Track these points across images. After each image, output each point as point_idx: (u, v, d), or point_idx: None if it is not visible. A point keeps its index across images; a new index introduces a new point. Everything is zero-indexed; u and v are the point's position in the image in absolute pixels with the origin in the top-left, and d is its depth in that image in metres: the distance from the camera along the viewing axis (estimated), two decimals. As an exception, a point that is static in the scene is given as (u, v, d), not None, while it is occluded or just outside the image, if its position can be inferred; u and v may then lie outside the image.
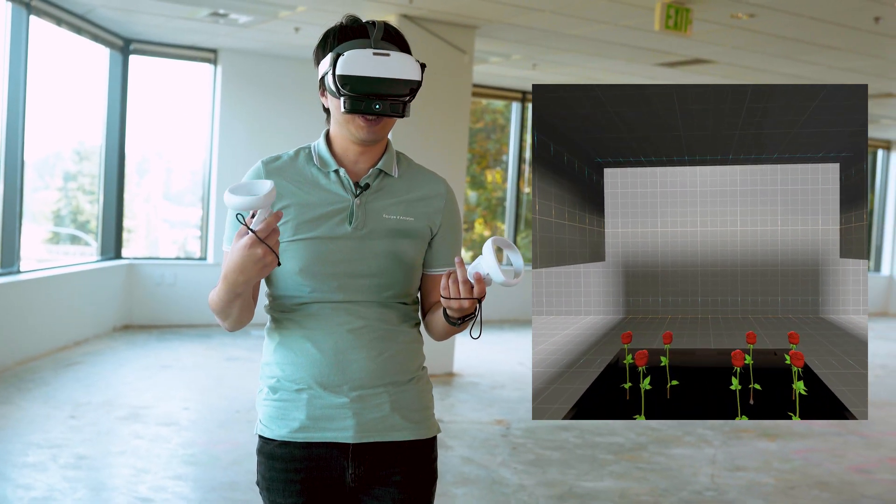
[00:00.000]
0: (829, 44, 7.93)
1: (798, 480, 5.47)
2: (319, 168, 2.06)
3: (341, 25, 2.03)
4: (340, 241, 2.02)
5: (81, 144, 10.59)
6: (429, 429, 2.12)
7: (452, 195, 2.18)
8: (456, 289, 1.92)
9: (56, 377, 7.08)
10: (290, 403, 2.04)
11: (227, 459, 5.26)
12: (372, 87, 1.94)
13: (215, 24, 8.54)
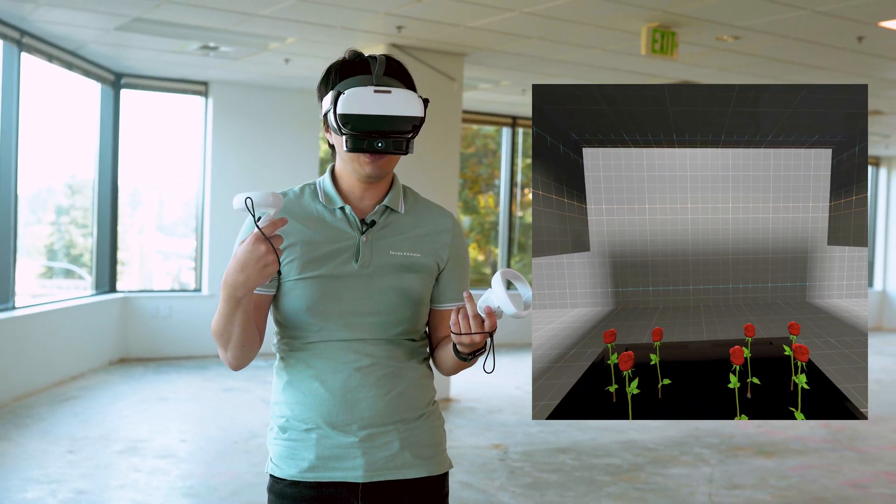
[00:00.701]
0: (814, 63, 8.02)
1: (794, 497, 5.49)
2: (325, 205, 2.05)
3: (343, 60, 2.02)
4: (347, 280, 2.01)
5: (73, 178, 10.64)
6: (440, 465, 2.11)
7: (459, 229, 2.17)
8: (466, 323, 1.90)
9: (53, 412, 7.09)
10: (299, 443, 2.03)
11: (226, 490, 5.27)
12: (374, 125, 1.92)
13: (206, 58, 8.61)
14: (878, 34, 6.88)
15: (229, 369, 7.94)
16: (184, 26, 7.32)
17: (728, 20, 6.64)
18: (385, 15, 6.82)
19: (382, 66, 1.99)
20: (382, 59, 2.00)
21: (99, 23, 7.36)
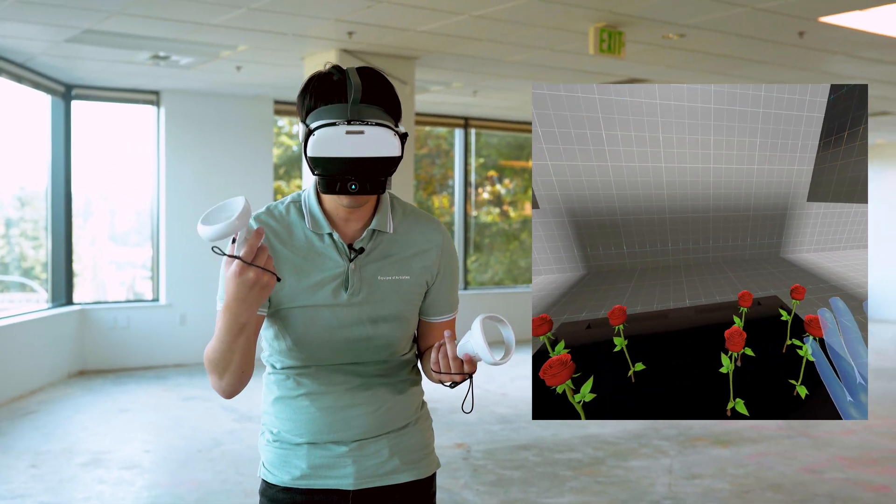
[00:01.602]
0: (759, 59, 8.19)
1: (752, 484, 5.63)
2: (312, 230, 1.99)
3: (320, 78, 1.93)
4: (337, 309, 1.98)
5: (22, 190, 10.54)
6: (428, 467, 2.14)
7: (448, 241, 2.12)
8: (447, 364, 1.88)
9: (13, 427, 7.05)
10: (290, 452, 2.05)
11: (191, 499, 5.29)
12: (346, 167, 1.86)
13: (156, 67, 8.59)
14: (818, 29, 7.04)
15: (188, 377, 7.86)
16: (134, 37, 7.31)
17: (673, 19, 6.77)
18: (336, 21, 6.87)
19: (358, 92, 1.88)
20: (358, 85, 1.89)
21: (48, 35, 7.33)
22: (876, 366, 10.36)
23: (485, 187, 13.74)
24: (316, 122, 1.87)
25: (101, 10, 6.50)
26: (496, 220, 13.84)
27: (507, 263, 13.70)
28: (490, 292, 12.49)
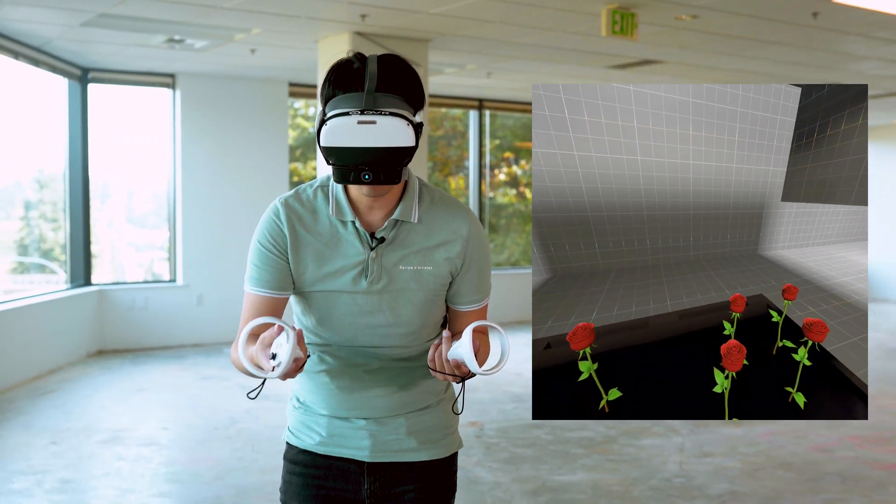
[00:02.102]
0: (772, 39, 8.18)
1: (763, 462, 5.68)
2: (336, 216, 2.01)
3: (339, 66, 1.94)
4: (357, 296, 2.01)
5: (41, 172, 10.65)
6: (447, 447, 2.16)
7: (476, 230, 2.08)
8: (441, 363, 1.90)
9: (33, 406, 7.16)
10: (312, 420, 2.13)
11: (210, 476, 5.38)
12: (358, 157, 1.87)
13: (171, 50, 8.66)
14: (832, 9, 7.04)
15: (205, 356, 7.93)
16: (149, 20, 7.37)
17: (685, 0, 6.78)
18: (348, 4, 6.90)
19: (373, 81, 1.88)
20: (374, 73, 1.89)
21: (64, 19, 7.39)
22: (889, 346, 10.38)
23: (501, 169, 13.78)
24: (332, 110, 1.88)
25: (117, -6, 6.57)
26: (512, 202, 13.88)
27: (524, 244, 13.75)
28: (506, 273, 12.53)
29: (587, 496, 5.02)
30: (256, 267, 2.04)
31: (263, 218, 2.06)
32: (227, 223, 10.29)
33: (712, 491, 5.12)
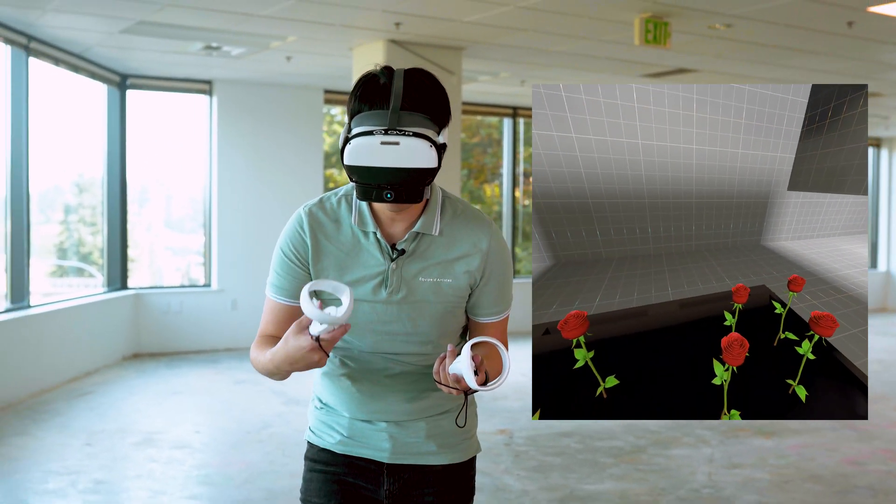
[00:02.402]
0: (807, 48, 8.14)
1: (792, 475, 5.65)
2: (358, 226, 2.04)
3: (366, 81, 1.96)
4: (377, 305, 2.04)
5: (81, 177, 10.81)
6: (465, 451, 2.19)
7: (497, 243, 2.11)
8: (445, 376, 1.90)
9: (70, 407, 7.28)
10: (334, 420, 2.17)
11: (240, 479, 5.45)
12: (381, 177, 1.89)
13: (209, 57, 8.77)
14: (867, 19, 7.00)
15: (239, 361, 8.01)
16: (186, 28, 7.48)
17: (719, 9, 6.77)
18: (382, 12, 6.96)
19: (399, 99, 1.91)
20: (399, 91, 1.92)
21: (103, 26, 7.52)
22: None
23: (535, 177, 13.79)
24: (357, 127, 1.91)
25: (154, 2, 6.67)
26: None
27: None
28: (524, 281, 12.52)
29: (614, 505, 5.03)
30: (278, 274, 2.09)
31: (287, 225, 2.10)
32: (262, 229, 10.38)
33: (740, 502, 5.10)
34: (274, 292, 2.10)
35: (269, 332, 2.11)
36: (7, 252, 7.74)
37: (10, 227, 7.69)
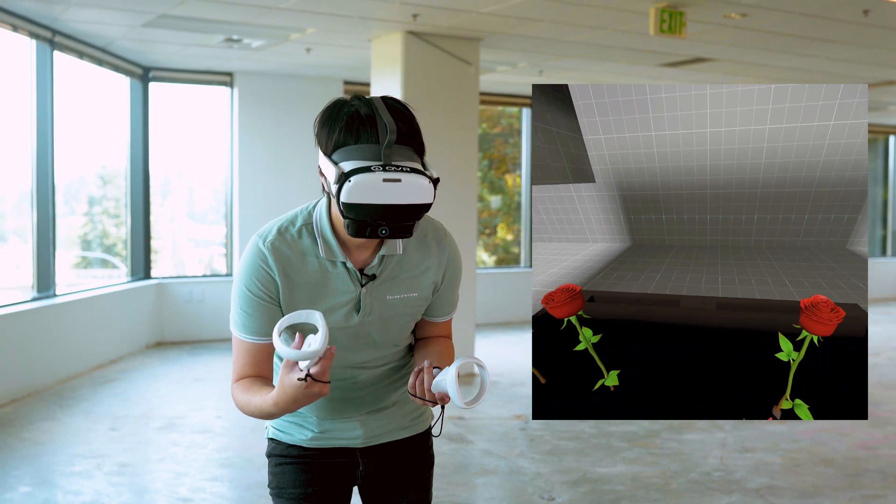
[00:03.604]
0: (823, 37, 8.17)
1: (804, 459, 5.72)
2: (325, 257, 2.03)
3: (348, 113, 1.93)
4: (348, 329, 2.07)
5: (104, 169, 10.96)
6: (423, 423, 2.31)
7: (454, 251, 2.17)
8: (422, 390, 1.94)
9: (95, 393, 7.43)
10: (302, 420, 2.21)
11: (261, 462, 5.57)
12: (379, 214, 1.86)
13: (230, 50, 8.89)
14: (883, 7, 7.02)
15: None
16: (207, 21, 7.60)
17: (733, -1, 6.82)
18: (400, 4, 7.05)
19: (393, 134, 1.88)
20: (392, 126, 1.89)
21: (126, 20, 7.65)
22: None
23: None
24: (346, 161, 1.86)
25: (176, -4, 6.79)
26: (564, 200, 13.93)
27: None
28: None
29: (626, 488, 5.11)
30: (247, 314, 2.04)
31: (247, 262, 2.03)
32: (283, 219, 10.49)
33: (751, 485, 5.18)
34: (246, 333, 2.05)
35: (247, 374, 2.08)
36: (33, 242, 7.90)
37: (37, 217, 7.85)
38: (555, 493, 5.01)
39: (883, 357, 9.59)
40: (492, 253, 13.47)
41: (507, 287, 12.01)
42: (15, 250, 9.36)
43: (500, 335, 10.69)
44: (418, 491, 2.30)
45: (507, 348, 9.84)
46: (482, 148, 12.98)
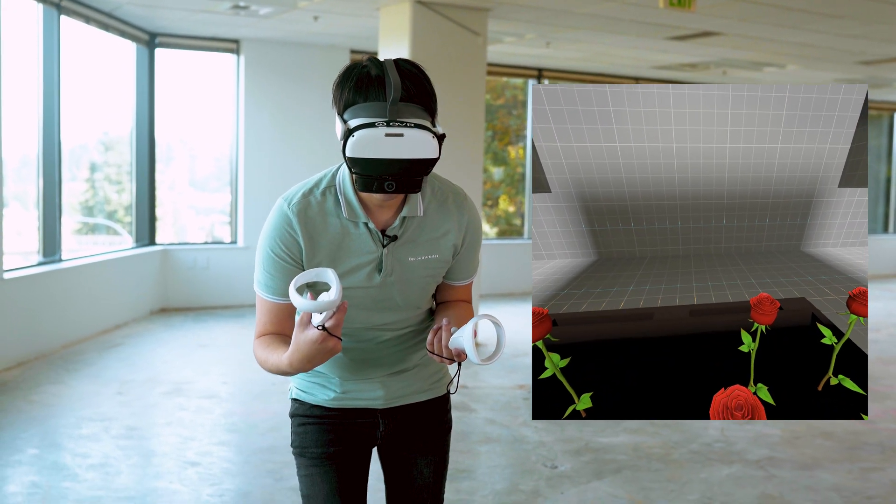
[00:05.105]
0: (832, 13, 8.16)
1: (803, 431, 5.77)
2: (348, 218, 2.07)
3: (360, 76, 1.98)
4: (370, 290, 2.11)
5: (106, 135, 10.95)
6: (442, 387, 2.36)
7: (473, 214, 2.20)
8: (440, 347, 1.98)
9: (101, 358, 7.49)
10: (325, 381, 2.25)
11: (266, 427, 5.63)
12: (384, 168, 1.91)
13: (237, 17, 8.87)
14: (892, -17, 7.02)
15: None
16: (216, -13, 7.59)
17: (743, -28, 6.80)
18: (409, -27, 7.04)
19: (398, 91, 1.93)
20: (398, 83, 1.94)
21: (134, -15, 7.64)
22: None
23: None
24: (354, 119, 1.93)
25: (185, -38, 6.78)
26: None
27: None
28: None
29: (628, 457, 5.17)
30: (270, 275, 2.10)
31: (272, 224, 2.09)
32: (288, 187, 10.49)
33: (751, 456, 5.24)
34: (268, 293, 2.11)
35: (269, 332, 2.14)
36: (39, 208, 7.94)
37: (43, 183, 7.88)
38: (557, 462, 5.07)
39: (883, 333, 9.64)
40: (493, 224, 13.49)
41: (509, 258, 12.05)
42: (17, 216, 9.36)
43: (503, 306, 10.74)
44: (436, 453, 2.35)
45: (510, 318, 9.88)
46: (486, 119, 12.97)
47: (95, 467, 4.82)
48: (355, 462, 2.28)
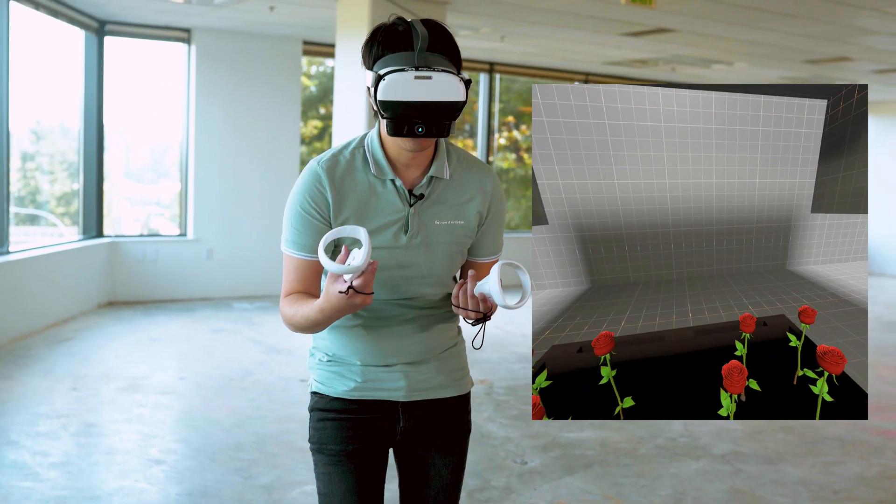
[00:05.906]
0: (786, 11, 8.26)
1: (765, 427, 5.84)
2: (376, 175, 2.11)
3: (387, 28, 2.04)
4: (396, 251, 2.11)
5: (38, 124, 10.67)
6: (466, 385, 2.33)
7: (498, 186, 2.23)
8: (465, 300, 2.03)
9: (51, 352, 7.31)
10: (345, 369, 2.22)
11: (228, 423, 5.54)
12: (413, 111, 1.96)
13: (189, 5, 8.72)
14: (847, -16, 7.13)
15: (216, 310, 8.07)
16: (172, -25, 7.44)
17: (704, -30, 6.85)
18: (371, -36, 6.97)
19: (425, 40, 1.99)
20: (425, 34, 2.00)
21: (87, -29, 7.46)
22: (887, 319, 10.56)
23: (502, 133, 13.83)
24: (385, 68, 1.98)
25: (143, -52, 6.63)
26: (512, 167, 13.96)
27: (524, 209, 13.86)
28: (507, 237, 12.66)
29: (596, 453, 5.19)
30: (298, 231, 2.12)
31: (302, 182, 2.12)
32: (239, 178, 10.40)
33: (716, 451, 5.28)
34: (297, 250, 2.13)
35: (296, 290, 2.16)
36: (-15, 197, 7.71)
37: (-11, 172, 7.66)
38: (527, 458, 5.07)
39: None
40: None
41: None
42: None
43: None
44: (456, 454, 2.31)
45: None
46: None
47: (57, 466, 4.69)
48: (374, 461, 2.24)
